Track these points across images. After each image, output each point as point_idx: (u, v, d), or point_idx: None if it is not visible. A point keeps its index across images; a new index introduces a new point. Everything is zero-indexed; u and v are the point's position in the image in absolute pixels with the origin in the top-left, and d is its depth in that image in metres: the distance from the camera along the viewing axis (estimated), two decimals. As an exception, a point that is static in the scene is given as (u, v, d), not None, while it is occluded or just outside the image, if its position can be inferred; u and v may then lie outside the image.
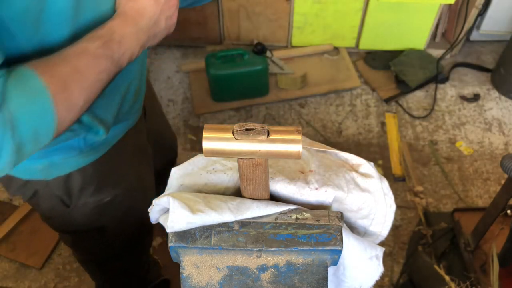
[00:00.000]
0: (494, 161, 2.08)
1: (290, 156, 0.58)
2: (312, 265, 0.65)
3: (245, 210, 0.66)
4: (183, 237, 0.65)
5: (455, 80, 2.42)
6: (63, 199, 0.97)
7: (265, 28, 2.43)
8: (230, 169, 0.73)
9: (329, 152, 0.78)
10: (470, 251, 1.55)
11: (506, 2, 2.25)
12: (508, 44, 2.23)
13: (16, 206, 1.92)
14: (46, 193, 0.95)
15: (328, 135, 2.19)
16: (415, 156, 2.10)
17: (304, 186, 0.70)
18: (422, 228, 1.83)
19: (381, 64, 2.44)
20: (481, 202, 1.94)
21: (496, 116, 2.26)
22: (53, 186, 0.94)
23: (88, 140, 0.87)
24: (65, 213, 1.00)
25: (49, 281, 1.74)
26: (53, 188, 0.94)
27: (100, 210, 1.03)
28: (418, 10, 2.27)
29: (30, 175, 0.91)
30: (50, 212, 1.02)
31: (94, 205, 1.01)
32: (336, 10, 2.31)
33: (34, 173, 0.90)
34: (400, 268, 1.75)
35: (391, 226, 0.76)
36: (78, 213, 1.01)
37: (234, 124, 0.58)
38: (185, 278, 0.65)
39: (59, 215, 1.02)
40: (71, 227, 1.07)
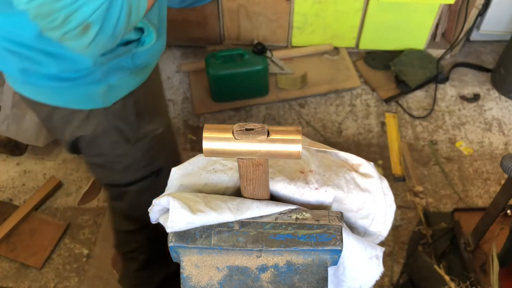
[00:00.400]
0: (494, 161, 2.08)
1: (290, 156, 0.58)
2: (312, 265, 0.65)
3: (245, 210, 0.66)
4: (183, 237, 0.65)
5: (455, 80, 2.42)
6: (123, 131, 1.05)
7: (265, 28, 2.43)
8: (230, 169, 0.73)
9: (329, 152, 0.78)
10: (470, 251, 1.55)
11: (506, 2, 2.25)
12: (508, 44, 2.23)
13: (16, 206, 1.92)
14: (107, 124, 1.02)
15: (328, 135, 2.19)
16: (415, 156, 2.10)
17: (304, 186, 0.70)
18: (422, 228, 1.83)
19: (381, 64, 2.44)
20: (481, 202, 1.94)
21: (496, 116, 2.26)
22: (112, 114, 1.01)
23: (136, 58, 0.96)
24: (126, 152, 1.09)
25: (49, 281, 1.75)
26: (112, 118, 1.01)
27: (156, 144, 1.13)
28: (418, 10, 2.27)
29: (93, 104, 0.98)
30: (111, 154, 1.09)
31: (150, 138, 1.10)
32: (336, 10, 2.31)
33: (95, 101, 0.97)
34: (400, 268, 1.75)
35: (391, 226, 0.76)
36: (138, 150, 1.10)
37: (234, 124, 0.58)
38: (185, 278, 0.65)
39: (121, 156, 1.10)
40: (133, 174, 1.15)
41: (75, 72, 0.91)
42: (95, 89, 0.95)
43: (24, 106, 1.92)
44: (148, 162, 1.15)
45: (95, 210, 1.93)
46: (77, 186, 2.01)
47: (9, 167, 2.08)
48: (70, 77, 0.91)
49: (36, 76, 0.92)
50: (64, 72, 0.90)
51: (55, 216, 1.90)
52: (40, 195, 1.93)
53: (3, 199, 1.97)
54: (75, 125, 1.03)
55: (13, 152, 2.09)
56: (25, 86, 0.97)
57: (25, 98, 1.02)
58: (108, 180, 1.22)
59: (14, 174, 2.05)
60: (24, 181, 2.03)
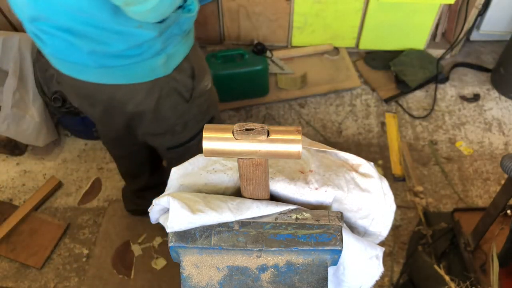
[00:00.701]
0: (494, 161, 2.08)
1: (290, 156, 0.58)
2: (312, 265, 0.65)
3: (245, 210, 0.66)
4: (183, 237, 0.65)
5: (455, 80, 2.42)
6: (182, 93, 1.17)
7: (265, 28, 2.43)
8: (230, 169, 0.73)
9: (329, 152, 0.78)
10: (470, 251, 1.55)
11: (506, 2, 2.25)
12: (508, 44, 2.23)
13: (16, 206, 1.92)
14: (169, 90, 1.13)
15: (328, 135, 2.19)
16: (415, 156, 2.10)
17: (304, 186, 0.70)
18: (422, 228, 1.83)
19: (381, 64, 2.44)
20: (481, 202, 1.94)
21: (496, 116, 2.26)
22: (172, 80, 1.12)
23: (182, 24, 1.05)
24: (185, 111, 1.21)
25: (49, 281, 1.75)
26: (173, 82, 1.13)
27: (208, 99, 1.27)
28: (418, 10, 2.27)
29: (155, 74, 1.08)
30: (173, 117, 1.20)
31: (202, 93, 1.23)
32: (336, 10, 2.31)
33: (157, 71, 1.08)
34: (400, 268, 1.75)
35: (391, 226, 0.76)
36: (195, 106, 1.22)
37: (234, 124, 0.58)
38: (185, 278, 0.65)
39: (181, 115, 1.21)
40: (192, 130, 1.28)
41: (139, 47, 1.00)
42: (156, 60, 1.05)
43: (24, 106, 1.92)
44: (203, 116, 1.29)
45: (95, 210, 1.93)
46: (77, 186, 2.01)
47: (9, 167, 2.08)
48: (135, 53, 1.01)
49: (103, 56, 1.01)
50: (129, 49, 1.00)
51: (55, 216, 1.90)
52: (40, 195, 1.93)
53: (3, 199, 1.97)
54: (139, 98, 1.12)
55: (13, 152, 2.09)
56: (90, 71, 1.05)
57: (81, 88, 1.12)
58: (171, 144, 1.32)
59: (14, 174, 2.05)
60: (24, 181, 2.03)
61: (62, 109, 1.89)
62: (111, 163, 2.08)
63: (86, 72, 1.06)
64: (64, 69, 1.09)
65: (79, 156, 2.11)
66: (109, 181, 2.02)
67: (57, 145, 2.15)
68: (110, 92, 1.11)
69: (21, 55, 1.90)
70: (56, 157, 2.11)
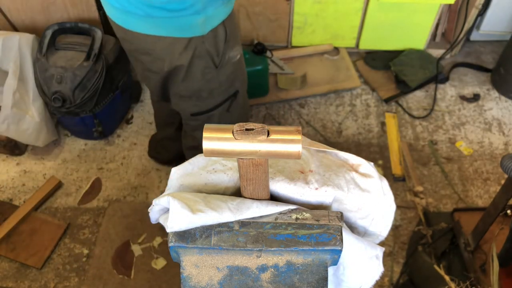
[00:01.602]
0: (494, 161, 2.08)
1: (290, 156, 0.58)
2: (312, 265, 0.65)
3: (245, 210, 0.66)
4: (183, 237, 0.65)
5: (455, 80, 2.42)
6: (213, 57, 1.23)
7: (265, 28, 2.43)
8: (230, 169, 0.73)
9: (329, 152, 0.78)
10: (470, 251, 1.55)
11: (506, 2, 2.25)
12: (508, 44, 2.23)
13: (16, 206, 1.92)
14: (202, 51, 1.20)
15: (328, 135, 2.19)
16: (415, 156, 2.10)
17: (304, 186, 0.70)
18: (422, 228, 1.83)
19: (381, 64, 2.44)
20: (481, 202, 1.94)
21: (496, 116, 2.26)
22: (207, 41, 1.19)
23: None
24: (213, 77, 1.27)
25: (49, 281, 1.75)
26: (207, 44, 1.19)
27: (235, 69, 1.32)
28: (418, 10, 2.27)
29: (193, 32, 1.16)
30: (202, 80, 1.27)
31: (232, 63, 1.29)
32: (336, 10, 2.31)
33: (195, 30, 1.15)
34: (400, 268, 1.75)
35: (391, 226, 0.76)
36: (222, 74, 1.29)
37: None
38: (185, 278, 0.65)
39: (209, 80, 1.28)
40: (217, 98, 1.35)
41: (181, 3, 1.08)
42: (195, 19, 1.12)
43: (24, 106, 1.92)
44: (228, 85, 1.35)
45: (95, 210, 1.93)
46: (77, 186, 2.01)
47: (9, 167, 2.08)
48: (177, 8, 1.09)
49: (148, 6, 1.09)
50: (172, 3, 1.08)
51: (55, 216, 1.90)
52: (40, 195, 1.93)
53: (3, 199, 1.97)
54: (176, 53, 1.20)
55: (13, 152, 2.09)
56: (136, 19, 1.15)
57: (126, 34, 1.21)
58: (196, 109, 1.40)
59: (14, 174, 2.05)
60: (24, 181, 2.03)
61: (62, 109, 1.89)
62: (111, 163, 2.08)
63: (132, 21, 1.16)
64: (115, 18, 1.20)
65: (79, 156, 2.11)
66: (109, 181, 2.02)
67: (57, 145, 2.15)
68: (152, 43, 1.20)
69: (21, 55, 1.90)
70: (56, 157, 2.11)
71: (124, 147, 2.14)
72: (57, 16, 2.11)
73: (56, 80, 1.84)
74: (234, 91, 1.39)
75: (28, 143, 2.02)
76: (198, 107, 1.39)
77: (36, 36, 1.97)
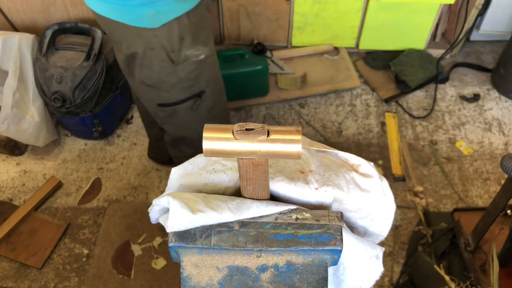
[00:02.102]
0: (494, 161, 2.08)
1: (290, 156, 0.58)
2: (312, 265, 0.65)
3: (245, 210, 0.66)
4: (183, 237, 0.65)
5: (455, 80, 2.42)
6: (168, 52, 1.22)
7: (265, 28, 2.43)
8: (230, 169, 0.73)
9: (329, 152, 0.78)
10: (470, 251, 1.55)
11: (506, 2, 2.25)
12: (508, 44, 2.23)
13: (16, 206, 1.92)
14: (155, 43, 1.19)
15: (328, 135, 2.19)
16: (415, 156, 2.10)
17: (304, 186, 0.70)
18: (422, 228, 1.83)
19: (381, 64, 2.44)
20: (481, 202, 1.94)
21: (496, 116, 2.26)
22: (159, 35, 1.18)
23: None
24: (172, 71, 1.27)
25: (49, 281, 1.75)
26: (159, 38, 1.18)
27: (198, 68, 1.30)
28: (418, 10, 2.27)
29: (143, 23, 1.15)
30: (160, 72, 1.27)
31: (192, 61, 1.27)
32: (336, 10, 2.31)
33: (145, 21, 1.15)
34: (400, 268, 1.75)
35: (391, 226, 0.76)
36: (181, 70, 1.27)
37: (234, 124, 0.58)
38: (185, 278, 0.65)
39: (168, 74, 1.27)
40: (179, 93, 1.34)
41: None
42: (144, 10, 1.12)
43: (24, 106, 1.92)
44: (191, 83, 1.33)
45: (95, 210, 1.93)
46: (77, 186, 2.01)
47: (9, 167, 2.08)
48: None
49: None
50: None
51: (55, 216, 1.90)
52: (40, 195, 1.93)
53: (3, 199, 1.97)
54: (129, 39, 1.22)
55: (13, 152, 2.09)
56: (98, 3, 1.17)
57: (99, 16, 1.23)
58: (160, 100, 1.39)
59: (14, 174, 2.05)
60: (24, 181, 2.03)
61: (62, 109, 1.89)
62: (111, 163, 2.08)
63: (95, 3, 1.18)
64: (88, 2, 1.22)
65: (79, 156, 2.11)
66: (109, 181, 2.02)
67: (57, 145, 2.15)
68: (113, 26, 1.21)
69: (21, 55, 1.90)
70: (56, 157, 2.11)
71: (124, 147, 2.14)
72: (57, 16, 2.11)
73: (56, 80, 1.84)
74: (199, 90, 1.38)
75: (28, 143, 2.02)
76: (162, 98, 1.39)
77: (36, 36, 1.97)
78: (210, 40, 1.34)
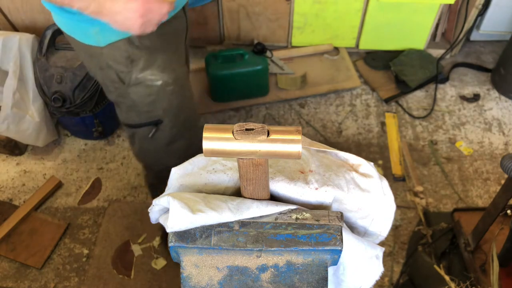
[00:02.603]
0: (494, 161, 2.08)
1: (290, 156, 0.58)
2: (312, 265, 0.65)
3: (245, 210, 0.66)
4: (183, 237, 0.65)
5: (455, 80, 2.42)
6: (118, 72, 1.13)
7: (265, 28, 2.43)
8: (230, 169, 0.73)
9: (329, 152, 0.78)
10: (470, 251, 1.55)
11: (506, 2, 2.25)
12: (508, 44, 2.23)
13: (16, 206, 1.92)
14: (103, 62, 1.11)
15: (328, 135, 2.19)
16: (415, 156, 2.10)
17: (304, 186, 0.70)
18: (422, 228, 1.83)
19: (381, 64, 2.44)
20: (481, 202, 1.94)
21: (496, 116, 2.26)
22: (105, 54, 1.09)
23: None
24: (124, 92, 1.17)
25: (49, 281, 1.74)
26: (106, 57, 1.10)
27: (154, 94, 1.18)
28: (418, 10, 2.27)
29: (88, 39, 1.07)
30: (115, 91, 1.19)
31: (147, 85, 1.16)
32: (336, 10, 2.31)
33: (90, 38, 1.07)
34: (400, 268, 1.75)
35: (391, 226, 0.76)
36: (133, 93, 1.17)
37: (234, 124, 0.58)
38: (185, 278, 0.65)
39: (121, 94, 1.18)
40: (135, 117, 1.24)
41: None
42: (88, 27, 1.04)
43: (24, 106, 1.92)
44: (146, 109, 1.22)
45: (95, 210, 1.93)
46: (77, 186, 2.01)
47: (9, 167, 2.08)
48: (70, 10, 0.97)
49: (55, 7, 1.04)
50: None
51: (55, 216, 1.90)
52: (40, 195, 1.93)
53: (3, 199, 1.96)
54: (82, 56, 1.16)
55: (13, 152, 2.09)
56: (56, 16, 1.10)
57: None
58: (120, 118, 1.32)
59: (14, 174, 2.05)
60: (24, 181, 2.03)
61: (62, 109, 1.89)
62: (111, 163, 2.08)
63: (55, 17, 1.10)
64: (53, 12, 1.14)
65: (79, 156, 2.11)
66: (109, 181, 2.02)
67: (57, 145, 2.15)
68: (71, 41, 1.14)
69: (21, 55, 1.90)
70: (56, 157, 2.11)
71: (124, 147, 2.14)
72: (57, 16, 2.10)
73: (56, 80, 1.84)
74: (156, 119, 1.25)
75: (28, 143, 2.02)
76: (122, 117, 1.31)
77: (36, 36, 1.97)
78: (172, 67, 1.19)
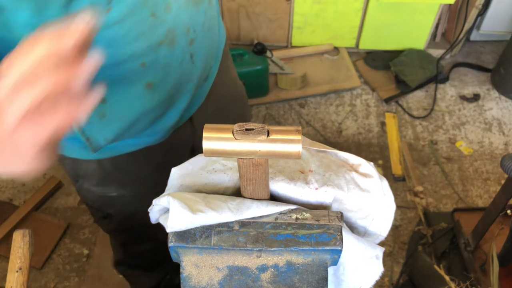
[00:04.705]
0: (494, 161, 2.08)
1: (290, 156, 0.58)
2: (312, 265, 0.65)
3: (245, 210, 0.66)
4: (183, 237, 0.65)
5: (455, 80, 2.42)
6: (72, 175, 1.07)
7: (265, 28, 2.43)
8: (230, 169, 0.73)
9: (329, 152, 0.78)
10: (470, 251, 1.55)
11: (506, 2, 2.25)
12: (508, 44, 2.23)
13: (16, 206, 1.92)
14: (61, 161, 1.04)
15: (328, 135, 2.19)
16: (415, 156, 2.10)
17: (304, 186, 0.70)
18: (422, 228, 1.83)
19: (381, 64, 2.44)
20: (481, 202, 1.94)
21: (496, 116, 2.26)
22: (64, 161, 1.03)
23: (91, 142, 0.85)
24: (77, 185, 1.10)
25: (49, 281, 1.74)
26: (64, 162, 1.04)
27: (107, 201, 1.10)
28: (418, 10, 2.27)
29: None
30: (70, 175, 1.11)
31: (99, 195, 1.08)
32: (336, 10, 2.31)
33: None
34: (400, 268, 1.75)
35: (391, 226, 0.76)
36: (86, 192, 1.10)
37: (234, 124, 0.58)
38: (185, 278, 0.65)
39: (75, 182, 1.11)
40: (85, 200, 1.18)
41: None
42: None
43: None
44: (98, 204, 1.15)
45: (95, 210, 1.92)
46: (77, 186, 2.01)
47: (9, 167, 2.08)
48: None
49: None
50: None
51: (55, 216, 1.90)
52: (40, 195, 1.93)
53: (3, 199, 1.96)
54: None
55: (13, 152, 2.09)
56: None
57: None
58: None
59: (14, 174, 2.05)
60: (24, 181, 2.03)
61: (62, 109, 1.89)
62: (111, 163, 2.08)
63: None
64: None
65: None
66: (109, 181, 2.02)
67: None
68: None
69: (21, 55, 1.90)
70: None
71: (124, 147, 2.14)
72: (57, 16, 2.10)
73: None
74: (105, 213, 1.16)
75: (28, 143, 2.02)
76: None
77: (36, 36, 1.97)
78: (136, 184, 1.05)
